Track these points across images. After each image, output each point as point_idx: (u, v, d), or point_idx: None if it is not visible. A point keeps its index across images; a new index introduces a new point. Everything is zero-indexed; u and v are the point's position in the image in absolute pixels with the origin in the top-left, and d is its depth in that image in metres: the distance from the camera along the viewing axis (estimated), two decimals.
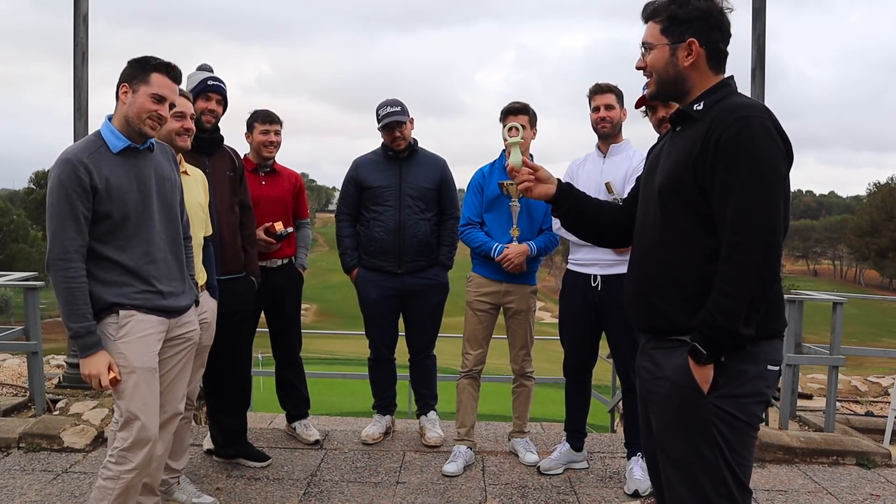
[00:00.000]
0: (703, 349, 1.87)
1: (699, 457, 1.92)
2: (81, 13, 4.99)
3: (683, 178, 1.94)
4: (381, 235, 4.10)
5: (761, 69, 4.85)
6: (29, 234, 50.77)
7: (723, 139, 1.85)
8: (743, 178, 1.82)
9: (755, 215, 1.82)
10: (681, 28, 1.96)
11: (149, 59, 2.58)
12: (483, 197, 3.94)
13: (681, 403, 1.95)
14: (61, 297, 2.45)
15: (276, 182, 4.11)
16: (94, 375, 2.47)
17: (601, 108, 3.66)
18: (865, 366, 14.81)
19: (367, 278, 4.19)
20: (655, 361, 2.05)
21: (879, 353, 6.49)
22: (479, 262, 3.99)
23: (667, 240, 2.00)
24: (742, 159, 1.83)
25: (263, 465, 3.84)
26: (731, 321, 1.82)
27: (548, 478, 3.80)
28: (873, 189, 73.12)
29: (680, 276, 1.96)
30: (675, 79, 2.01)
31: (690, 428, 1.93)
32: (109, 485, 2.56)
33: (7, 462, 3.85)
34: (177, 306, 2.69)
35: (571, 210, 2.31)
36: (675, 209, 1.97)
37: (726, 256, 1.84)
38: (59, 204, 2.43)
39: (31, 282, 4.78)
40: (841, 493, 3.72)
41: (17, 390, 5.33)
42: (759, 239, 1.82)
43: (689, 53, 1.96)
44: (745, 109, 1.88)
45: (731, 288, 1.83)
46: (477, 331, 3.99)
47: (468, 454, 3.97)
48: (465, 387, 4.05)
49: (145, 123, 2.55)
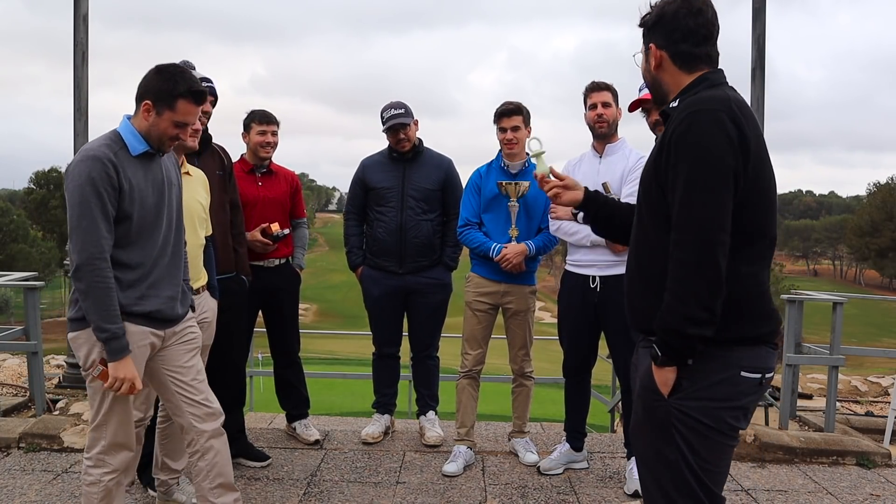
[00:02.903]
0: (658, 351, 1.88)
1: (660, 456, 1.93)
2: (81, 13, 4.99)
3: (648, 179, 1.98)
4: (384, 236, 4.13)
5: (761, 69, 4.85)
6: (29, 234, 50.79)
7: (674, 136, 1.85)
8: (685, 174, 1.81)
9: (693, 212, 1.80)
10: (647, 35, 2.05)
11: (177, 81, 2.47)
12: (480, 197, 3.95)
13: (645, 404, 1.98)
14: (97, 298, 2.37)
15: (273, 183, 4.10)
16: (130, 378, 2.42)
17: (598, 106, 3.64)
18: (865, 366, 14.82)
19: (371, 276, 4.23)
20: (638, 360, 2.11)
21: (879, 353, 6.50)
22: (478, 263, 3.99)
23: (641, 240, 2.03)
24: (685, 155, 1.82)
25: (263, 465, 3.84)
26: (675, 321, 1.82)
27: (548, 478, 3.80)
28: (873, 189, 73.14)
29: (651, 276, 1.97)
30: (653, 83, 2.07)
31: (653, 428, 1.96)
32: (93, 490, 2.57)
33: (7, 462, 3.85)
34: (173, 314, 2.63)
35: (599, 215, 2.34)
36: (647, 210, 2.00)
37: (671, 254, 1.84)
38: (90, 201, 2.35)
39: (31, 282, 4.78)
40: (841, 493, 3.72)
41: (17, 390, 5.33)
42: (695, 236, 1.79)
43: (652, 58, 2.03)
44: (699, 104, 1.86)
45: (674, 286, 1.83)
46: (476, 331, 3.99)
47: (468, 454, 3.97)
48: (465, 387, 4.05)
49: (165, 144, 2.55)
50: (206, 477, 2.70)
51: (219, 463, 2.71)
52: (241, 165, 4.04)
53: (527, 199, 3.83)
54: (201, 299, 3.12)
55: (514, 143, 3.85)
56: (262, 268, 3.99)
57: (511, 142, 3.85)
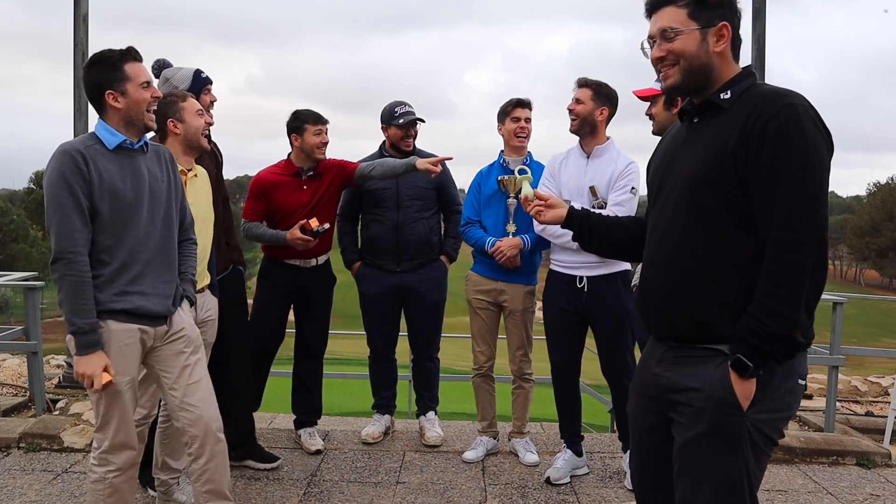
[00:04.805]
0: (748, 361, 1.72)
1: (723, 473, 1.80)
2: (81, 13, 4.99)
3: (720, 171, 1.78)
4: (381, 235, 4.14)
5: (761, 69, 4.86)
6: (29, 234, 50.73)
7: (769, 128, 1.71)
8: (793, 171, 1.69)
9: (808, 211, 1.68)
10: (711, 12, 1.83)
11: (105, 56, 2.50)
12: (480, 195, 3.98)
13: (715, 418, 1.80)
14: (69, 291, 2.38)
15: (319, 183, 3.96)
16: (90, 375, 2.40)
17: (572, 101, 3.62)
18: (865, 366, 14.82)
19: (367, 275, 4.24)
20: (682, 371, 1.89)
21: (879, 353, 6.50)
22: (477, 261, 4.04)
23: (692, 239, 1.84)
24: (792, 150, 1.69)
25: (272, 467, 3.78)
26: (785, 328, 1.69)
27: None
28: (873, 189, 73.13)
29: (715, 279, 1.81)
30: (706, 66, 1.86)
31: (722, 443, 1.80)
32: (98, 487, 2.58)
33: (7, 462, 3.85)
34: (156, 310, 2.58)
35: (583, 229, 2.24)
36: (706, 205, 1.81)
37: (775, 256, 1.70)
38: (63, 195, 2.38)
39: (31, 282, 4.78)
40: (841, 493, 3.72)
41: (17, 390, 5.33)
42: (812, 236, 1.68)
43: (720, 38, 1.84)
44: (790, 97, 1.75)
45: (785, 291, 1.69)
46: (482, 328, 4.03)
47: (490, 443, 4.09)
48: (480, 385, 4.11)
49: (146, 116, 2.53)
50: (199, 480, 2.71)
51: (210, 469, 2.69)
52: (280, 170, 3.96)
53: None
54: (203, 298, 3.12)
55: (526, 134, 3.89)
56: (298, 268, 3.96)
57: (524, 130, 3.88)
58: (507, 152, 3.96)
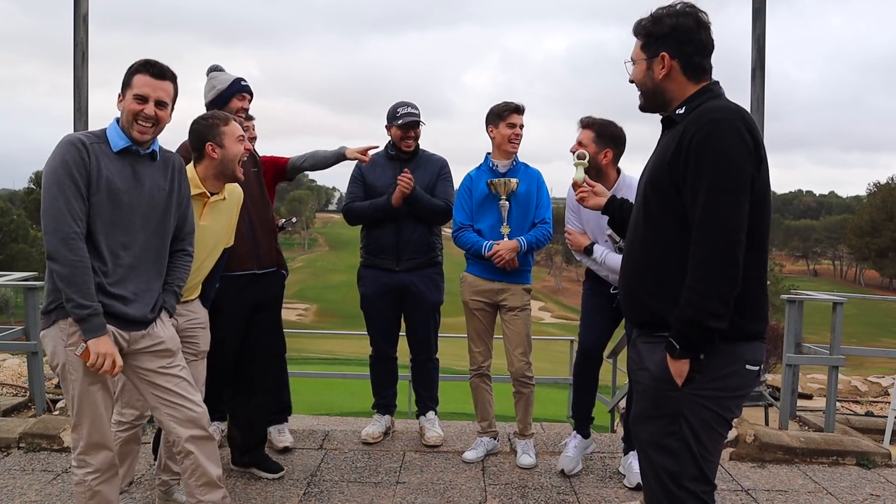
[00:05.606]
0: (676, 343, 2.01)
1: (665, 445, 2.08)
2: (81, 13, 4.98)
3: (662, 178, 2.08)
4: (380, 234, 4.15)
5: (761, 69, 4.85)
6: (29, 234, 50.73)
7: (694, 141, 1.98)
8: (708, 178, 1.95)
9: (717, 213, 1.94)
10: (655, 44, 2.14)
11: (134, 63, 2.57)
12: (472, 199, 3.97)
13: (655, 394, 2.11)
14: (73, 276, 2.38)
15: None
16: (110, 354, 2.42)
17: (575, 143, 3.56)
18: (865, 366, 14.84)
19: (366, 275, 4.25)
20: (641, 353, 2.21)
21: (879, 353, 6.51)
22: (472, 262, 4.03)
23: (648, 237, 2.15)
24: (708, 160, 1.95)
25: (277, 477, 3.71)
26: (698, 315, 1.96)
27: (548, 477, 3.80)
28: (873, 189, 73.17)
29: (661, 272, 2.09)
30: (654, 90, 2.17)
31: (661, 417, 2.09)
32: (80, 489, 2.60)
33: (7, 462, 3.86)
34: (134, 315, 2.55)
35: (617, 219, 2.68)
36: (655, 208, 2.11)
37: (693, 252, 1.98)
38: (65, 182, 2.40)
39: (31, 282, 4.78)
40: (841, 494, 3.72)
41: (17, 390, 5.34)
42: (718, 236, 1.93)
43: (663, 66, 2.12)
44: (716, 112, 2.00)
45: (697, 283, 1.96)
46: (479, 329, 4.03)
47: (490, 443, 4.11)
48: (478, 385, 4.12)
49: (133, 127, 2.52)
50: (192, 475, 2.73)
51: (201, 465, 2.71)
52: None
53: (517, 196, 3.88)
54: (191, 308, 3.05)
55: (519, 140, 3.90)
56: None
57: (518, 136, 3.89)
58: (496, 155, 3.95)
